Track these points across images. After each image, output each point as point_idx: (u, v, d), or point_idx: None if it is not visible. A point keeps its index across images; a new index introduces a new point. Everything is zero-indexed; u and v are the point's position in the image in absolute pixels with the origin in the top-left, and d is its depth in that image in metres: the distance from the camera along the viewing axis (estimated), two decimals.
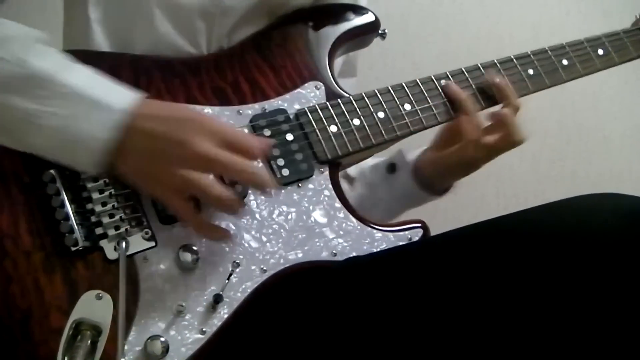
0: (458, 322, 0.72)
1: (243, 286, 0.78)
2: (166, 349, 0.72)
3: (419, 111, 0.92)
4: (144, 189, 0.77)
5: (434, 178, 1.02)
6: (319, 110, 0.88)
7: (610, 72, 1.06)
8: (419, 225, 0.88)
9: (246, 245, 0.80)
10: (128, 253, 0.74)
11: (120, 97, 0.74)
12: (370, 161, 1.08)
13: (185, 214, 0.76)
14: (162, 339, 0.72)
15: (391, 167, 1.06)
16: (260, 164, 0.83)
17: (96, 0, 0.89)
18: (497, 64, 0.98)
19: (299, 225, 0.82)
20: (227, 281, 0.77)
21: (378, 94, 0.91)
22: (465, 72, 0.96)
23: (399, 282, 0.76)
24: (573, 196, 0.77)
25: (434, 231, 0.88)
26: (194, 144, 0.72)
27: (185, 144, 0.72)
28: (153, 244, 0.76)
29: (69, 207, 0.75)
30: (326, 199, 0.85)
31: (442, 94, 0.94)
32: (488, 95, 0.96)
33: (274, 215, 0.82)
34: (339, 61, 1.02)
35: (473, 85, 0.96)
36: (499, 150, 0.94)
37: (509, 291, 0.70)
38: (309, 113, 0.87)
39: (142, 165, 0.74)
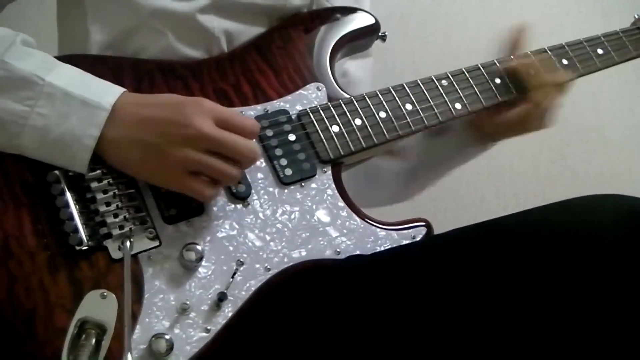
0: (459, 322, 0.72)
1: (247, 285, 0.78)
2: (171, 347, 0.72)
3: (420, 111, 0.92)
4: (151, 179, 0.77)
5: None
6: (321, 111, 0.88)
7: (609, 73, 1.06)
8: (423, 223, 0.88)
9: (250, 244, 0.80)
10: (132, 252, 0.75)
11: (107, 92, 0.75)
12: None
13: (205, 190, 0.76)
14: (167, 337, 0.72)
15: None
16: (263, 163, 0.84)
17: (94, 13, 0.89)
18: (497, 64, 0.98)
19: (303, 224, 0.83)
20: (231, 280, 0.77)
21: (379, 94, 0.91)
22: (466, 72, 0.96)
23: (400, 281, 0.76)
24: (573, 197, 0.77)
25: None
26: (198, 124, 0.73)
27: (190, 125, 0.73)
28: (157, 243, 0.77)
29: (73, 207, 0.75)
30: (329, 198, 0.85)
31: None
32: (489, 96, 0.97)
33: (278, 215, 0.82)
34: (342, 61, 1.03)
35: (474, 86, 0.96)
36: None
37: (509, 291, 0.71)
38: (310, 113, 0.88)
39: (145, 154, 0.74)
